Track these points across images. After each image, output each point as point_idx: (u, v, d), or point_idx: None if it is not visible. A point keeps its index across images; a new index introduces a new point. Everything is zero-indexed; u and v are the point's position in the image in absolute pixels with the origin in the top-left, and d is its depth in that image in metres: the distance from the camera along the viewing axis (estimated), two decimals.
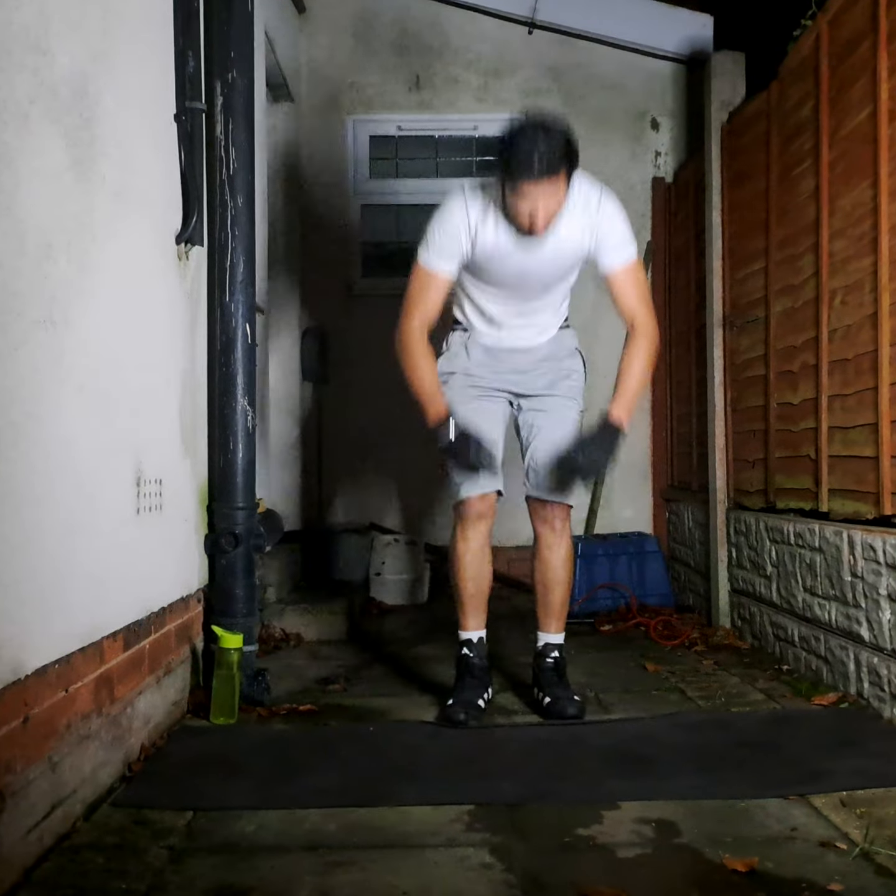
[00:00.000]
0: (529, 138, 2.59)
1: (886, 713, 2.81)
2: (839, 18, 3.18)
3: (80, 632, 2.13)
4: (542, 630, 3.10)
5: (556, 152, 2.60)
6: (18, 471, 1.85)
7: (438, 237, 2.83)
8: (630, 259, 2.91)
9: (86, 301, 2.18)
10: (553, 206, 2.69)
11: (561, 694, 2.94)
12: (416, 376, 2.89)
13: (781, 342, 3.71)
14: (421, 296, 2.87)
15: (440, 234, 2.83)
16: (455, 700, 2.91)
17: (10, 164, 1.83)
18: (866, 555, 2.93)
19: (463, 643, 3.06)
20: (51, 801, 1.96)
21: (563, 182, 2.67)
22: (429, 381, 2.89)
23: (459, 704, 2.88)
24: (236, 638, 2.93)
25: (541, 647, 3.09)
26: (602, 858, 1.93)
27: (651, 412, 5.47)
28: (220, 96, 3.07)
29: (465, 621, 3.06)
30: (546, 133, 2.60)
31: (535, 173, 2.60)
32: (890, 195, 2.83)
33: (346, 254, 5.50)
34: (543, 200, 2.65)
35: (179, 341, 2.94)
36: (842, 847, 1.94)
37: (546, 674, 3.02)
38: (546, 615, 3.09)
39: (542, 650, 3.08)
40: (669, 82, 5.46)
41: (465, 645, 3.06)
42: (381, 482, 5.40)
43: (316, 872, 1.86)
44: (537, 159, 2.58)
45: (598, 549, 4.93)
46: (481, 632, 3.08)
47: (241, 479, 3.12)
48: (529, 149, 2.58)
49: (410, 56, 5.44)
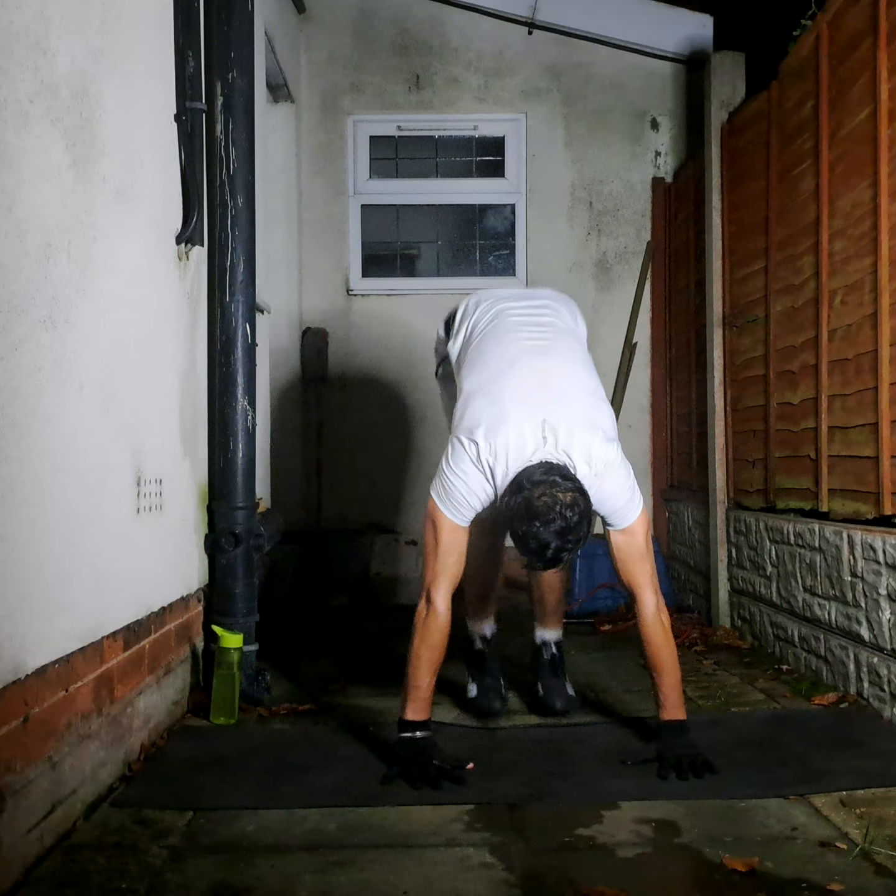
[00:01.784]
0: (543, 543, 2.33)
1: (886, 713, 2.81)
2: (839, 18, 3.18)
3: (80, 631, 2.13)
4: (539, 626, 3.13)
5: (568, 554, 2.40)
6: (19, 470, 1.85)
7: (465, 495, 2.50)
8: (630, 523, 2.59)
9: (86, 301, 2.18)
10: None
11: (554, 685, 2.98)
12: (419, 668, 2.48)
13: (781, 342, 3.71)
14: (449, 557, 2.51)
15: (467, 495, 2.50)
16: (480, 688, 2.97)
17: (10, 164, 1.83)
18: (866, 554, 2.93)
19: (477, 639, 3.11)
20: (51, 801, 1.96)
21: None
22: (427, 681, 2.48)
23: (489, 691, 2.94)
24: (236, 637, 2.94)
25: (539, 642, 3.13)
26: (602, 858, 1.93)
27: (651, 412, 5.47)
28: (221, 96, 3.07)
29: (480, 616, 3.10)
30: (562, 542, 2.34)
31: (542, 567, 2.54)
32: (890, 195, 2.83)
33: (346, 254, 5.50)
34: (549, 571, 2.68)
35: (179, 341, 2.94)
36: (842, 847, 1.94)
37: (543, 666, 3.07)
38: (543, 613, 3.12)
39: (539, 645, 3.12)
40: (669, 82, 5.46)
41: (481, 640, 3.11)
42: (380, 482, 5.40)
43: (316, 872, 1.86)
44: (547, 562, 2.40)
45: (598, 549, 4.85)
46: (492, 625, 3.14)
47: (241, 478, 3.13)
48: (541, 552, 2.35)
49: (410, 56, 5.44)
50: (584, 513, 2.35)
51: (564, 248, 5.44)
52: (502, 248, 5.57)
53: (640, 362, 5.43)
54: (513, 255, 5.53)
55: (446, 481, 2.51)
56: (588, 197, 5.45)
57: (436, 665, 2.49)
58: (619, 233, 5.46)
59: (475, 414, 2.54)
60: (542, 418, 2.46)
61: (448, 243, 5.64)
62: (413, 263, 5.68)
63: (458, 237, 5.63)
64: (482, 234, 5.60)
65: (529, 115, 5.45)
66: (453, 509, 2.51)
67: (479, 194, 5.54)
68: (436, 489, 2.54)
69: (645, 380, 5.46)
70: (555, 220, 5.44)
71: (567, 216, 5.45)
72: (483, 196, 5.55)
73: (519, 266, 5.49)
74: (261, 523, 3.22)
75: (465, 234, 5.62)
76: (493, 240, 5.59)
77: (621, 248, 5.46)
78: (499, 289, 3.19)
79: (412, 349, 5.30)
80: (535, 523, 2.31)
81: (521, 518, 2.33)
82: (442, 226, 5.62)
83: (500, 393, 2.56)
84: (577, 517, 2.33)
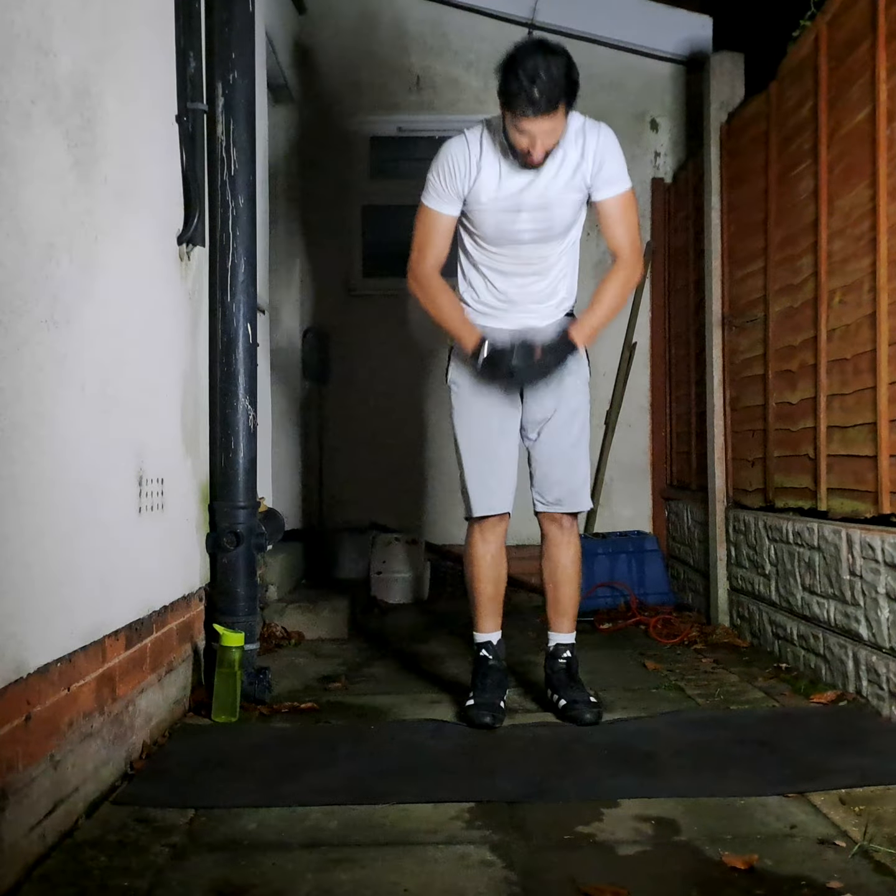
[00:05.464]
0: (528, 72, 2.53)
1: (885, 711, 2.82)
2: (838, 19, 3.19)
3: (82, 630, 2.14)
4: (553, 630, 3.05)
5: (555, 87, 2.56)
6: (21, 470, 1.86)
7: (441, 178, 2.84)
8: (624, 190, 2.89)
9: (88, 301, 2.19)
10: (552, 138, 2.68)
11: (577, 697, 2.89)
12: (441, 311, 2.91)
13: (780, 342, 3.72)
14: (430, 238, 2.89)
15: (443, 175, 2.84)
16: (476, 701, 2.87)
17: (12, 165, 1.84)
18: (865, 553, 2.94)
19: (481, 645, 3.03)
20: (53, 799, 1.97)
21: (563, 114, 2.65)
22: (455, 313, 2.91)
23: (484, 707, 2.84)
24: (238, 636, 2.94)
25: (552, 647, 3.04)
26: (602, 856, 1.93)
27: (650, 411, 5.47)
28: (222, 97, 3.08)
29: (483, 623, 3.03)
30: (546, 65, 2.54)
31: (533, 111, 2.58)
32: (889, 195, 2.83)
33: (347, 254, 5.51)
34: (542, 135, 2.66)
35: (181, 341, 2.95)
36: (841, 845, 1.94)
37: (559, 675, 2.98)
38: (557, 614, 3.05)
39: (553, 650, 3.04)
40: (669, 83, 5.47)
41: (484, 647, 3.02)
42: (381, 481, 5.40)
43: (317, 870, 1.87)
44: (536, 95, 2.54)
45: (598, 548, 4.94)
46: (498, 633, 3.05)
47: (242, 478, 3.14)
48: (528, 84, 2.53)
49: (411, 57, 5.45)
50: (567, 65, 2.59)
51: None
52: None
53: (639, 362, 5.44)
54: None
55: (431, 173, 2.85)
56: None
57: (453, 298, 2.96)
58: None
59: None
60: None
61: None
62: None
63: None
64: None
65: None
66: (433, 193, 2.85)
67: None
68: (425, 189, 2.88)
69: (644, 379, 5.47)
70: None
71: None
72: None
73: None
74: (262, 522, 3.23)
75: None
76: None
77: None
78: None
79: (413, 349, 5.32)
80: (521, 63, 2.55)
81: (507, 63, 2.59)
82: None
83: None
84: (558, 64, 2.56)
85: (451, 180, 2.83)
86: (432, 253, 2.90)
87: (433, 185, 2.87)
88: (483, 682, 2.95)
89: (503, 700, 2.93)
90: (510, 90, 2.59)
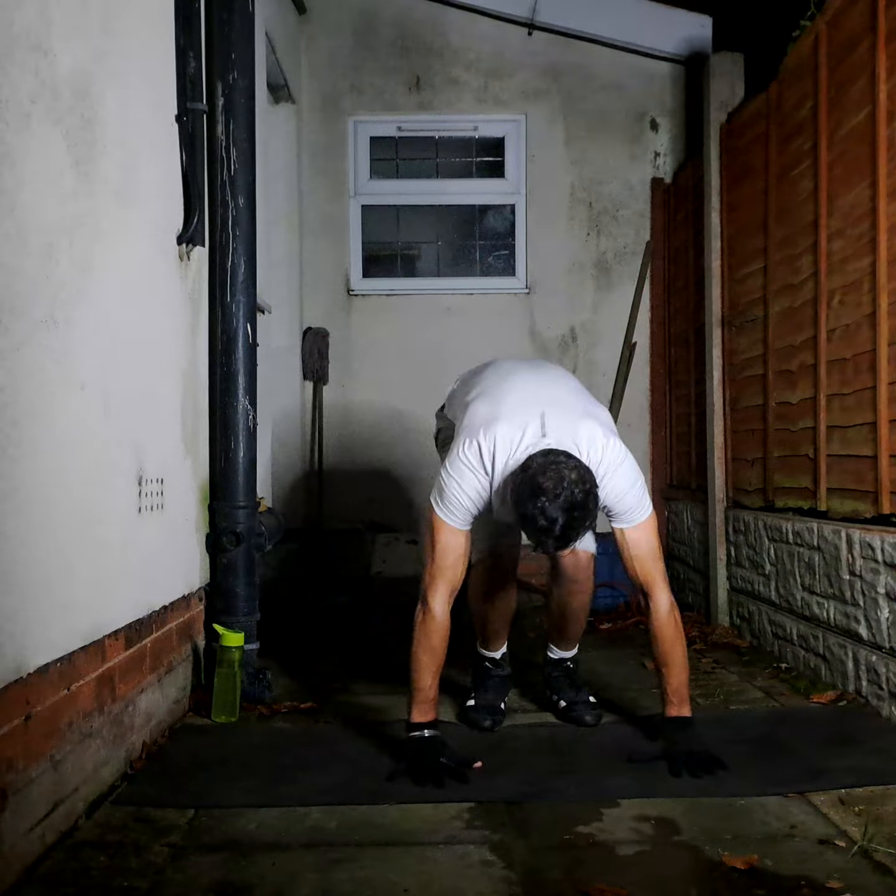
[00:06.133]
0: (549, 517, 2.30)
1: (885, 711, 2.82)
2: (838, 19, 3.19)
3: (81, 630, 2.14)
4: (554, 646, 3.04)
5: (579, 531, 2.37)
6: (21, 469, 1.86)
7: (460, 498, 2.51)
8: (642, 519, 2.59)
9: (87, 301, 2.18)
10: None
11: (577, 698, 2.91)
12: (420, 672, 2.49)
13: (780, 342, 3.72)
14: (446, 560, 2.52)
15: (461, 496, 2.51)
16: (477, 702, 2.89)
17: (12, 165, 1.84)
18: (864, 553, 2.94)
19: (486, 658, 3.02)
20: (53, 799, 1.96)
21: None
22: (430, 683, 2.48)
23: (484, 709, 2.85)
24: (237, 636, 2.94)
25: (554, 658, 3.04)
26: (602, 856, 1.93)
27: (650, 411, 5.47)
28: (221, 97, 3.08)
29: (490, 645, 3.01)
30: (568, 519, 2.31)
31: (554, 549, 2.42)
32: (888, 195, 2.84)
33: (346, 254, 5.51)
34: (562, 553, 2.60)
35: (181, 341, 2.94)
36: (840, 844, 1.95)
37: (558, 680, 3.00)
38: (560, 638, 3.01)
39: (554, 661, 3.03)
40: (668, 83, 5.47)
41: (489, 661, 3.02)
42: (380, 481, 5.40)
43: (317, 870, 1.87)
44: (557, 541, 2.36)
45: (598, 548, 4.92)
46: (504, 649, 3.04)
47: (242, 478, 3.14)
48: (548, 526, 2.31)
49: (410, 57, 5.45)
50: (590, 489, 2.34)
51: (564, 248, 5.45)
52: (502, 249, 5.58)
53: (639, 362, 5.44)
54: (512, 255, 5.54)
55: (442, 485, 2.53)
56: (587, 197, 5.46)
57: (436, 667, 2.49)
58: (619, 233, 5.47)
59: (474, 416, 2.58)
60: (542, 411, 2.50)
61: (448, 244, 5.65)
62: (413, 264, 5.69)
63: (458, 237, 5.64)
64: (482, 235, 5.61)
65: (529, 116, 5.46)
66: (448, 512, 2.52)
67: (479, 195, 5.55)
68: (433, 494, 2.57)
69: (644, 379, 5.47)
70: (554, 220, 5.45)
71: (567, 217, 5.46)
72: (483, 196, 5.56)
73: (519, 266, 5.50)
74: (262, 522, 3.23)
75: (465, 235, 5.63)
76: (492, 240, 5.60)
77: (621, 249, 5.47)
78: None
79: (412, 349, 5.32)
80: (541, 499, 2.29)
81: (528, 496, 2.32)
82: (442, 226, 5.63)
83: (498, 396, 2.62)
84: (582, 494, 2.31)
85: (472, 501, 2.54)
86: (448, 581, 2.53)
87: (452, 500, 2.51)
88: (485, 684, 2.98)
89: (504, 702, 2.95)
90: (529, 527, 2.37)
